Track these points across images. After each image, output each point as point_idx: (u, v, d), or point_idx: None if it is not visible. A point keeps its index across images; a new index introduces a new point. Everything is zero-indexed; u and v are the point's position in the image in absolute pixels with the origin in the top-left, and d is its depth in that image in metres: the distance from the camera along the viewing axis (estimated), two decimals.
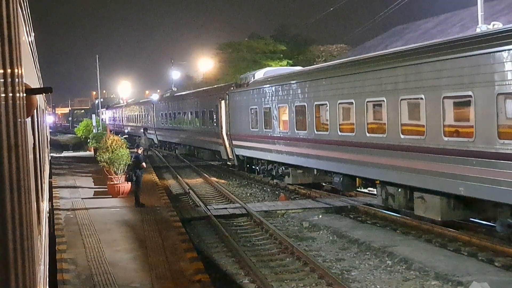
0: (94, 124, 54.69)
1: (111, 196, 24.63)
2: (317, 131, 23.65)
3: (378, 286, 13.17)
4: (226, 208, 22.92)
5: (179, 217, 20.08)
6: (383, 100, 18.68)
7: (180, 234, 17.23)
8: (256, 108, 30.09)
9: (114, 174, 24.86)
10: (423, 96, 16.66)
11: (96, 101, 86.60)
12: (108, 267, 13.86)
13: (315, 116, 23.80)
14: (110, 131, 36.64)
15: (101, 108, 77.02)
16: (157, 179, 31.26)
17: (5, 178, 2.77)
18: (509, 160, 13.60)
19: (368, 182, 22.64)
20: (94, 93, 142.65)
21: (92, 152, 45.23)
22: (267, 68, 35.19)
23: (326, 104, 22.77)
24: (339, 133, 21.74)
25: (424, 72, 16.67)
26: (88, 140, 46.60)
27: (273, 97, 27.94)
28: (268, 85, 28.85)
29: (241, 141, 32.82)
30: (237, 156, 34.16)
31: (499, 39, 14.01)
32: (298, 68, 31.99)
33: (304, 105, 24.59)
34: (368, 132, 19.71)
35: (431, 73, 16.31)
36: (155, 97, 65.95)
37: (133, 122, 72.78)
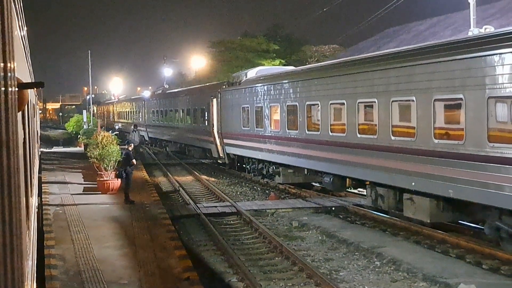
0: (84, 120, 54.52)
1: (100, 192, 24.56)
2: (308, 131, 23.68)
3: (366, 287, 13.20)
4: (216, 207, 22.92)
5: (168, 215, 20.06)
6: (375, 102, 18.72)
7: (170, 231, 17.22)
8: (247, 107, 30.10)
9: (104, 171, 24.81)
10: (414, 98, 16.70)
11: (88, 97, 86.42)
12: (96, 263, 13.83)
13: (306, 116, 23.83)
14: (101, 127, 36.58)
15: (92, 104, 76.81)
16: (147, 176, 31.21)
17: None
18: (498, 163, 13.66)
19: (358, 183, 22.68)
20: (86, 88, 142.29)
21: (82, 148, 45.10)
22: (260, 67, 35.23)
23: (317, 104, 22.80)
24: (330, 133, 21.78)
25: (415, 74, 16.72)
26: (79, 135, 46.48)
27: (265, 96, 27.95)
28: (260, 84, 28.86)
29: (232, 140, 32.82)
30: (228, 154, 34.16)
31: (490, 43, 14.07)
32: (291, 67, 32.02)
33: (296, 105, 24.62)
34: (359, 133, 19.75)
35: (423, 76, 16.36)
36: (146, 94, 65.83)
37: (124, 118, 72.64)
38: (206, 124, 38.13)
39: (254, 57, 62.45)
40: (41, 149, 45.93)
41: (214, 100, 36.04)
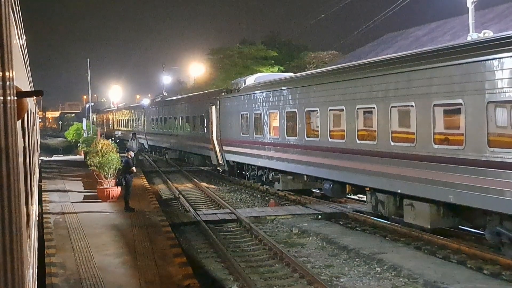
0: (84, 128, 54.56)
1: (100, 200, 24.55)
2: (307, 137, 23.68)
3: None
4: (216, 214, 22.89)
5: (168, 222, 20.05)
6: (374, 107, 18.73)
7: (170, 239, 17.20)
8: (246, 114, 30.11)
9: (104, 178, 24.80)
10: (413, 104, 16.71)
11: (87, 105, 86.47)
12: (97, 271, 13.81)
13: (305, 122, 23.83)
14: (101, 135, 36.62)
15: (92, 112, 76.86)
16: (147, 184, 31.20)
17: None
18: (498, 168, 13.66)
19: (358, 189, 22.67)
20: (85, 97, 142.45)
21: (82, 156, 45.11)
22: (258, 74, 35.24)
23: (316, 110, 22.80)
24: (330, 139, 21.77)
25: (414, 79, 16.73)
26: (78, 144, 46.50)
27: (264, 103, 27.96)
28: (259, 91, 28.88)
29: (231, 147, 32.81)
30: (227, 161, 34.15)
31: (489, 47, 14.09)
32: (289, 74, 32.03)
33: (295, 111, 24.62)
34: (359, 139, 19.75)
35: (422, 81, 16.37)
36: (146, 101, 65.86)
37: (123, 126, 72.65)
38: (205, 131, 38.13)
39: (252, 64, 62.55)
40: (41, 158, 45.95)
41: (213, 107, 36.05)
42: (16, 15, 6.02)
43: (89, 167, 26.35)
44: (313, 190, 27.79)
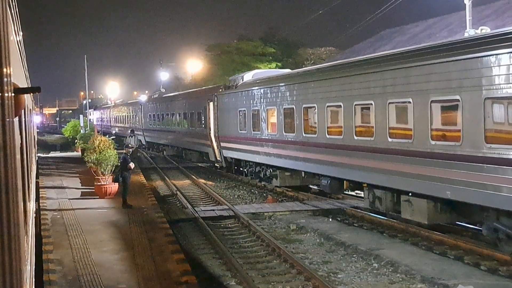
0: (81, 124, 54.46)
1: (98, 197, 24.54)
2: (305, 133, 23.68)
3: None
4: (213, 210, 22.90)
5: (166, 219, 20.04)
6: (371, 104, 18.73)
7: (167, 235, 17.20)
8: (244, 110, 30.10)
9: (101, 175, 24.79)
10: (411, 100, 16.72)
11: (84, 102, 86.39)
12: (94, 267, 13.82)
13: (303, 118, 23.83)
14: (98, 132, 36.59)
15: (89, 108, 76.80)
16: (145, 180, 31.18)
17: None
18: (495, 164, 13.68)
19: (356, 185, 22.68)
20: (82, 93, 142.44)
21: (79, 153, 45.06)
22: (256, 70, 35.19)
23: (314, 107, 22.80)
24: (327, 136, 21.77)
25: (412, 76, 16.73)
26: (76, 140, 46.46)
27: (262, 99, 27.95)
28: (256, 87, 28.87)
29: (229, 143, 32.81)
30: (225, 158, 34.15)
31: (487, 44, 14.09)
32: (287, 70, 32.01)
33: (293, 108, 24.61)
34: (356, 135, 19.75)
35: (419, 77, 16.38)
36: (143, 98, 65.82)
37: (121, 123, 72.62)
38: (203, 127, 38.12)
39: (250, 60, 62.60)
40: (38, 154, 45.91)
41: (211, 103, 36.03)
42: (12, 11, 6.01)
43: (86, 164, 26.33)
44: (311, 186, 27.81)
